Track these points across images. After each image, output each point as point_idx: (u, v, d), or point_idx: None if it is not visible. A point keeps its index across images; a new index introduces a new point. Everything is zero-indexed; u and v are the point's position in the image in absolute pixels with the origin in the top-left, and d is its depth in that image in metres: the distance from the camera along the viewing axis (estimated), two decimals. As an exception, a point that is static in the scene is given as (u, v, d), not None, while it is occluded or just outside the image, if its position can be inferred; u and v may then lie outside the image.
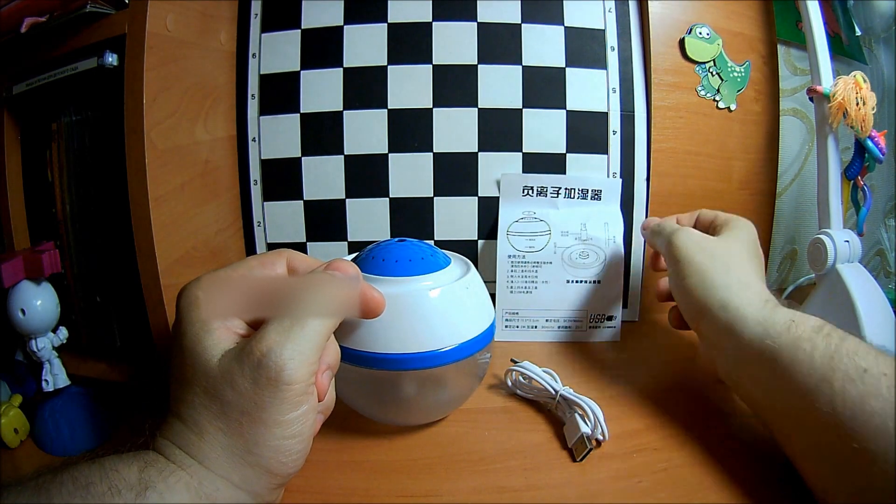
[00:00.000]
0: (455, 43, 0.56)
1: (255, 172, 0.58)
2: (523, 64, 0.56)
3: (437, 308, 0.34)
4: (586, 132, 0.57)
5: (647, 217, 0.57)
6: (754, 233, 0.42)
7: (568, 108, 0.57)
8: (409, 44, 0.56)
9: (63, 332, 0.41)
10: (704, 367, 0.43)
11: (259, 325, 0.27)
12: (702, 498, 0.31)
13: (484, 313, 0.36)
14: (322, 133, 0.57)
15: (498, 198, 0.57)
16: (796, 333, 0.30)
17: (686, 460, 0.34)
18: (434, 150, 0.57)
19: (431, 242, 0.57)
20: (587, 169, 0.57)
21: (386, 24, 0.56)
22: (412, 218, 0.58)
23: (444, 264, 0.37)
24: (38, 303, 0.39)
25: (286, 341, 0.25)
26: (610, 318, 0.53)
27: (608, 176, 0.57)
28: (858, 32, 0.67)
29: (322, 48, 0.57)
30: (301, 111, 0.57)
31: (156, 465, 0.24)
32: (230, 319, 0.27)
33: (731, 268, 0.37)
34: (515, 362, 0.42)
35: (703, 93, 0.57)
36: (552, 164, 0.57)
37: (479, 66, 0.56)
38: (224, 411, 0.24)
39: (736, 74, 0.58)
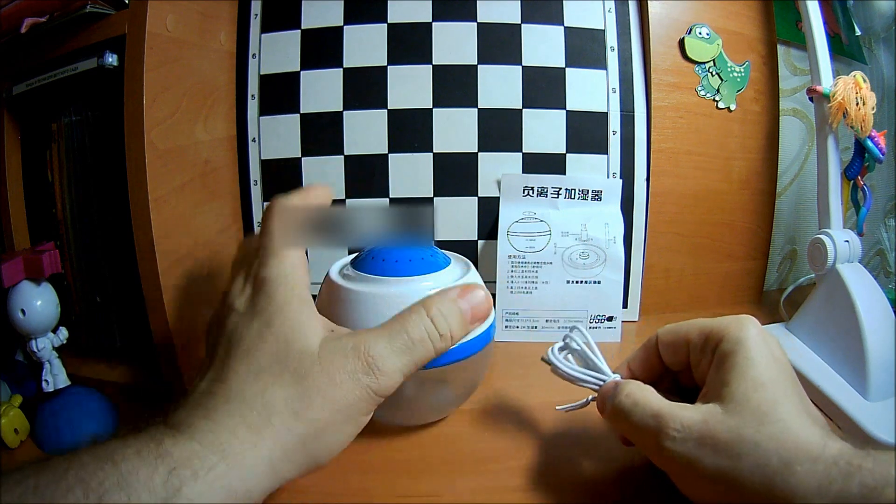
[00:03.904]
0: (455, 43, 0.56)
1: (255, 173, 0.58)
2: (523, 64, 0.56)
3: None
4: (586, 132, 0.57)
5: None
6: (776, 344, 0.29)
7: (568, 109, 0.57)
8: (409, 44, 0.56)
9: (63, 333, 0.41)
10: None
11: None
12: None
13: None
14: (322, 133, 0.57)
15: (498, 198, 0.57)
16: None
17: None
18: (434, 151, 0.57)
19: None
20: (587, 169, 0.57)
21: (386, 25, 0.56)
22: (412, 218, 0.58)
23: (444, 264, 0.37)
24: (38, 303, 0.39)
25: (396, 357, 0.26)
26: (610, 319, 0.53)
27: (608, 176, 0.57)
28: (858, 32, 0.67)
29: (322, 48, 0.57)
30: (301, 111, 0.57)
31: (190, 465, 0.21)
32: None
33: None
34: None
35: (702, 93, 0.57)
36: (552, 164, 0.57)
37: (479, 66, 0.56)
38: (309, 395, 0.24)
39: (736, 74, 0.58)
